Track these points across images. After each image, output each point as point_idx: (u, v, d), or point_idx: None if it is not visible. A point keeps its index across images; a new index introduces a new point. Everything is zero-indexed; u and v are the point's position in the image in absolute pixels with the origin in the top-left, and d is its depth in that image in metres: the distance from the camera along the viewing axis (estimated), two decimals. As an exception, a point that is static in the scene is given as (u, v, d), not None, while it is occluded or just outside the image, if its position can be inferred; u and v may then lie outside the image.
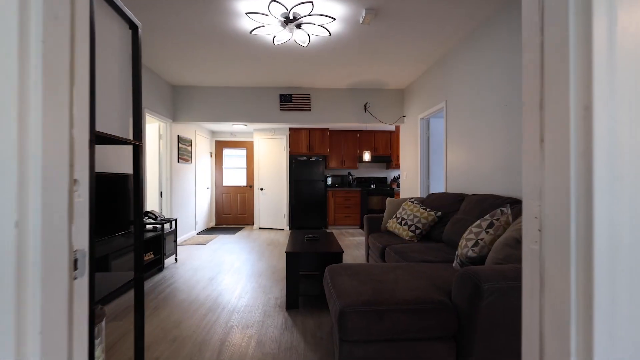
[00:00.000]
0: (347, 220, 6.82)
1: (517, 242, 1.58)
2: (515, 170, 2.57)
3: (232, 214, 7.45)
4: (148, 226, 3.87)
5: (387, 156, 7.23)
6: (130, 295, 2.90)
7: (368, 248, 3.65)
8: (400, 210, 3.43)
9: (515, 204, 2.32)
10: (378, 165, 7.63)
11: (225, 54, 3.83)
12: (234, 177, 7.55)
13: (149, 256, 3.45)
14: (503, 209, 1.99)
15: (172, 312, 2.56)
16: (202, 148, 6.57)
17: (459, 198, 3.10)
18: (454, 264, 2.11)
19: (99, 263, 2.70)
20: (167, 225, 4.08)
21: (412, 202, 3.42)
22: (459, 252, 2.02)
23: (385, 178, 7.52)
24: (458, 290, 1.51)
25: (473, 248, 1.91)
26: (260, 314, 2.50)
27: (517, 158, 2.55)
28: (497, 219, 1.96)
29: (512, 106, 2.61)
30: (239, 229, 6.80)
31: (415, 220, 3.17)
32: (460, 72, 3.46)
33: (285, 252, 2.58)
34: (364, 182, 7.42)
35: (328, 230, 6.53)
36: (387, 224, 3.50)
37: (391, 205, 3.71)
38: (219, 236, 5.98)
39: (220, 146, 7.47)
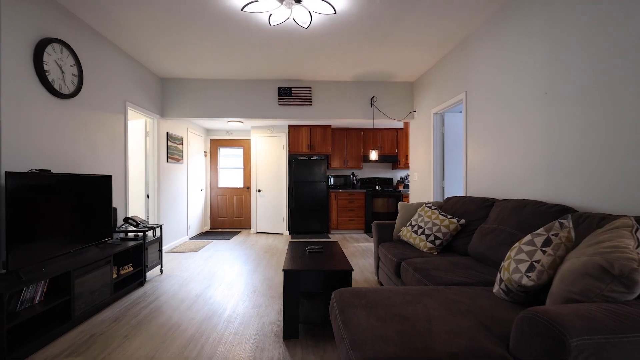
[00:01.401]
0: (351, 224, 6.36)
1: (603, 272, 1.12)
2: (563, 170, 2.11)
3: (227, 218, 6.99)
4: (129, 234, 3.42)
5: (394, 155, 6.77)
6: (102, 316, 2.46)
7: (378, 259, 3.20)
8: (416, 216, 2.98)
9: (568, 212, 1.87)
10: (383, 165, 7.17)
11: (215, 38, 3.38)
12: (230, 178, 7.09)
13: (127, 269, 3.00)
14: (562, 220, 1.53)
15: (146, 341, 2.11)
16: (195, 147, 6.12)
17: (487, 203, 2.64)
18: (495, 290, 1.66)
19: (57, 284, 2.24)
20: (151, 233, 3.64)
21: (430, 207, 2.97)
22: (504, 276, 1.57)
23: (391, 179, 7.07)
24: (524, 342, 1.07)
25: (528, 274, 1.45)
26: (251, 346, 2.05)
27: (566, 155, 2.09)
28: (555, 234, 1.50)
29: (555, 93, 2.16)
30: (235, 234, 6.35)
31: (435, 228, 2.72)
32: (485, 57, 3.00)
33: (283, 270, 2.13)
34: (369, 183, 6.97)
35: (330, 235, 6.07)
36: (400, 233, 3.05)
37: (404, 211, 3.26)
38: (213, 242, 5.53)
39: (216, 145, 7.02)
